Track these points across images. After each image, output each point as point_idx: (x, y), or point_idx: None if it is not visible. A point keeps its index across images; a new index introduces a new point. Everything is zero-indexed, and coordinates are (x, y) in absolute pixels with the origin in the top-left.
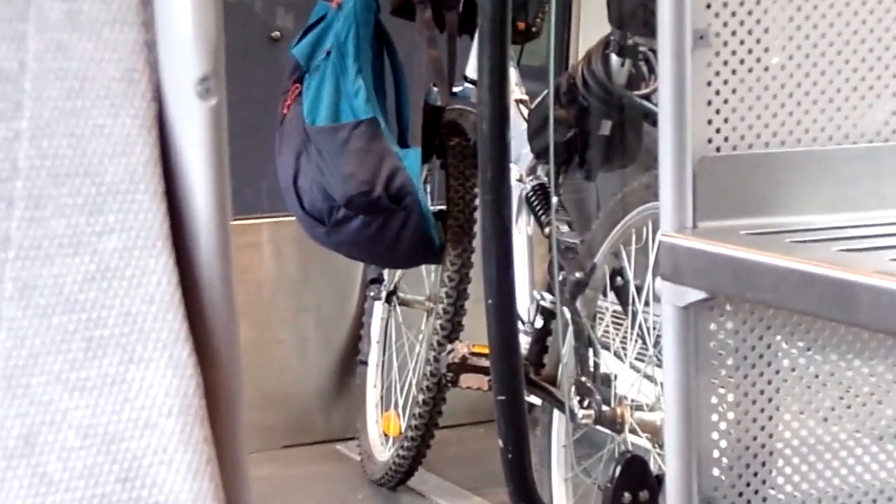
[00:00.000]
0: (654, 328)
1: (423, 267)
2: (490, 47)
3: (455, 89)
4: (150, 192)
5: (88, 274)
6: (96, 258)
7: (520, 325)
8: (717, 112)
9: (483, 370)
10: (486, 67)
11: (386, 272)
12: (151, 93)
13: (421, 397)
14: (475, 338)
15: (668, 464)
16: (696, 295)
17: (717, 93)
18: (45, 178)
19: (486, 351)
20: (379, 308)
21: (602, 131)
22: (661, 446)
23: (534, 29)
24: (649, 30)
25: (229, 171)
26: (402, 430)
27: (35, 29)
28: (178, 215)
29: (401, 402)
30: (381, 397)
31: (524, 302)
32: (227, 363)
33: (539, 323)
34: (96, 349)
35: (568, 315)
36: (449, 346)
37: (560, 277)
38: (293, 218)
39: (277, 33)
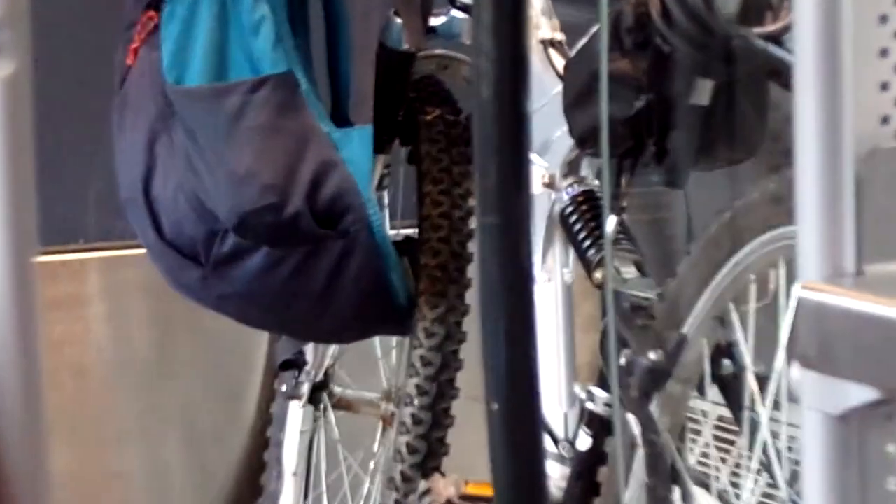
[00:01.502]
0: (790, 451)
1: (377, 341)
2: None
3: (434, 22)
4: None
5: None
6: None
7: (550, 445)
8: None
9: None
10: None
11: (310, 350)
12: None
13: None
14: (469, 468)
15: None
16: (863, 394)
17: None
18: None
19: (489, 492)
20: (298, 414)
21: (697, 99)
22: None
23: None
24: None
25: (35, 176)
26: None
27: None
28: None
29: None
30: None
31: (557, 405)
32: None
33: (585, 442)
34: None
35: (636, 428)
36: (423, 483)
37: (622, 360)
38: (143, 250)
39: None
